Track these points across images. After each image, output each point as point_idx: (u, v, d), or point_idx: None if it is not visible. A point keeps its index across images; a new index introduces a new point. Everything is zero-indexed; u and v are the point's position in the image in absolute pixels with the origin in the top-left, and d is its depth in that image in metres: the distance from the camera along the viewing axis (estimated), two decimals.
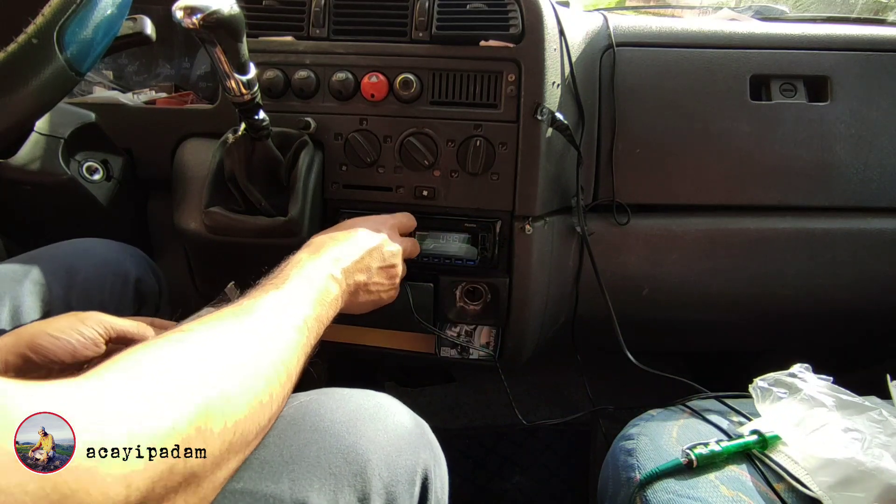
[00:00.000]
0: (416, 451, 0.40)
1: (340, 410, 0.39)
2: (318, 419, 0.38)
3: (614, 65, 0.70)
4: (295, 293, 0.41)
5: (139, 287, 0.61)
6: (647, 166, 0.70)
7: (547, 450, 1.11)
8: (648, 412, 0.57)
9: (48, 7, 0.42)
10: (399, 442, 0.39)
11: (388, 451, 0.38)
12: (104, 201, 0.68)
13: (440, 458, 0.45)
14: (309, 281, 0.44)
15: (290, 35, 0.66)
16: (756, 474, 0.46)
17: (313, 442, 0.36)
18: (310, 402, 0.40)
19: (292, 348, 0.37)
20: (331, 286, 0.46)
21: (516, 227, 0.66)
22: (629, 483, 0.47)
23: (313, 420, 0.38)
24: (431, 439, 0.44)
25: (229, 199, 0.63)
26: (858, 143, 0.70)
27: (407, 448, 0.40)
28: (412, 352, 0.78)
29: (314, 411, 0.39)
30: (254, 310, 0.37)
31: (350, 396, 0.42)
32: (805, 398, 0.49)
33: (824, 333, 0.86)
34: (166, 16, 0.45)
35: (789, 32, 0.72)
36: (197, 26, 0.41)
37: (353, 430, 0.38)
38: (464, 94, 0.64)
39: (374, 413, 0.40)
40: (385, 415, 0.41)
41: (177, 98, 0.78)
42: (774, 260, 0.72)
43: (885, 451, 0.43)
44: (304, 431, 0.37)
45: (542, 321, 0.72)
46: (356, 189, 0.67)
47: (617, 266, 0.72)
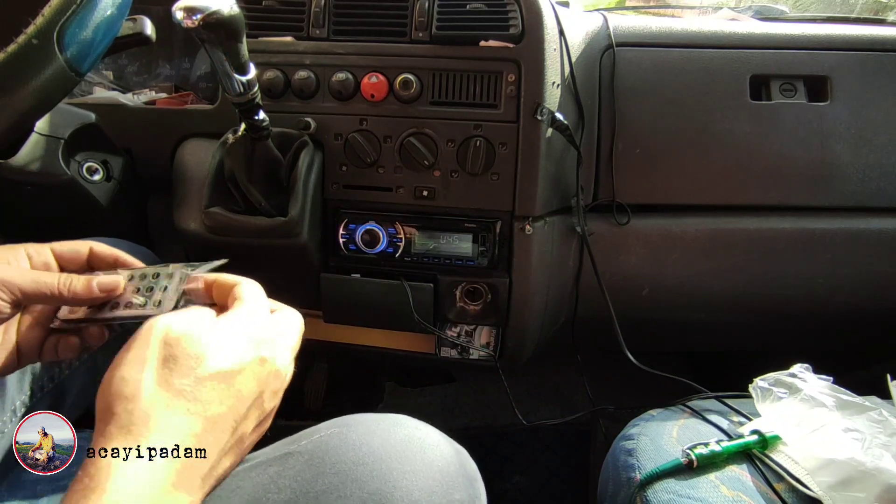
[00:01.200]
0: (449, 492, 0.36)
1: (364, 448, 0.36)
2: (338, 458, 0.35)
3: (614, 65, 0.70)
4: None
5: None
6: (647, 166, 0.70)
7: (547, 450, 1.11)
8: (648, 412, 0.57)
9: (48, 7, 0.42)
10: (429, 483, 0.35)
11: (417, 496, 0.34)
12: (104, 202, 0.68)
13: (479, 492, 0.40)
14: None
15: (289, 35, 0.66)
16: (756, 474, 0.46)
17: (332, 488, 0.33)
18: (330, 436, 0.37)
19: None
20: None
21: (516, 227, 0.66)
22: (629, 483, 0.47)
23: (333, 460, 0.35)
24: (469, 472, 0.40)
25: (229, 200, 0.63)
26: (858, 142, 0.70)
27: (439, 489, 0.36)
28: (412, 352, 0.78)
29: (334, 448, 0.36)
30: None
31: (376, 428, 0.38)
32: (805, 398, 0.49)
33: (824, 333, 0.86)
34: (166, 16, 0.45)
35: (789, 32, 0.72)
36: (197, 26, 0.41)
37: (378, 474, 0.34)
38: (464, 94, 0.64)
39: (402, 450, 0.36)
40: (414, 452, 0.37)
41: (177, 98, 0.78)
42: (774, 260, 0.72)
43: (885, 451, 0.43)
44: (323, 475, 0.34)
45: (542, 321, 0.72)
46: (356, 189, 0.67)
47: (617, 266, 0.72)
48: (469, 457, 0.41)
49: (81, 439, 0.34)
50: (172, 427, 0.29)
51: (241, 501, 0.32)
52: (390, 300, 0.69)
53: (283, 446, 0.37)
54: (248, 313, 0.34)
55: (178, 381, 0.30)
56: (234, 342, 0.32)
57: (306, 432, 0.38)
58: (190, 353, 0.30)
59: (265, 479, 0.34)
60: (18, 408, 0.48)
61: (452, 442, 0.41)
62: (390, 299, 0.69)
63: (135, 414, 0.28)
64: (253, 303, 0.35)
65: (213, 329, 0.32)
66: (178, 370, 0.30)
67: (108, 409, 0.29)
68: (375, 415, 0.40)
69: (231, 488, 0.33)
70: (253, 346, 0.32)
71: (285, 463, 0.35)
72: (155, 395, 0.29)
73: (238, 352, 0.32)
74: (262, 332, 0.33)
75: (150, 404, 0.29)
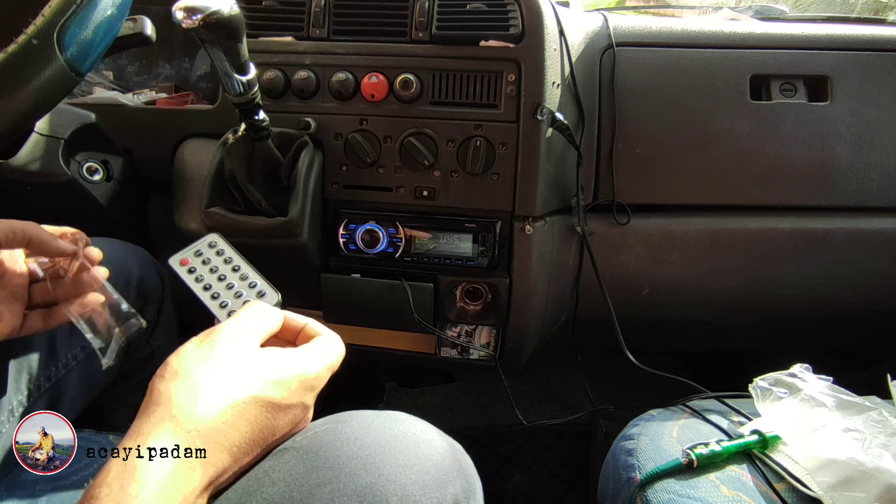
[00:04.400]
0: (443, 485, 0.36)
1: (358, 442, 0.36)
2: (332, 453, 0.35)
3: (614, 65, 0.70)
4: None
5: (142, 285, 0.61)
6: (647, 166, 0.70)
7: (547, 450, 1.11)
8: (649, 412, 0.57)
9: (48, 7, 0.42)
10: (424, 477, 0.35)
11: (410, 489, 0.34)
12: (104, 202, 0.68)
13: (474, 486, 0.40)
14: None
15: (290, 35, 0.66)
16: (756, 474, 0.46)
17: (327, 482, 0.33)
18: (325, 432, 0.37)
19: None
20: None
21: (516, 227, 0.66)
22: (629, 483, 0.47)
23: (327, 454, 0.35)
24: (464, 466, 0.40)
25: (229, 200, 0.63)
26: (858, 142, 0.70)
27: (433, 483, 0.35)
28: (412, 352, 0.78)
29: (329, 444, 0.35)
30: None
31: (371, 424, 0.38)
32: (805, 398, 0.49)
33: (824, 333, 0.86)
34: (166, 16, 0.45)
35: (789, 32, 0.72)
36: (197, 26, 0.41)
37: (371, 468, 0.34)
38: (464, 94, 0.64)
39: (396, 445, 0.36)
40: (408, 446, 0.37)
41: (177, 98, 0.78)
42: (774, 260, 0.72)
43: (885, 451, 0.43)
44: (317, 469, 0.34)
45: (542, 321, 0.72)
46: (356, 189, 0.67)
47: (617, 266, 0.72)
48: (464, 451, 0.41)
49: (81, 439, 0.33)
50: (216, 433, 0.30)
51: (235, 495, 0.32)
52: (390, 300, 0.69)
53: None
54: (315, 357, 0.37)
55: (239, 393, 0.32)
56: (291, 380, 0.34)
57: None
58: (254, 370, 0.33)
59: (259, 473, 0.34)
60: (16, 408, 0.48)
61: (447, 437, 0.41)
62: (390, 299, 0.69)
63: (195, 406, 0.30)
64: (320, 349, 0.37)
65: (282, 360, 0.35)
66: (242, 382, 0.32)
67: (164, 395, 0.31)
68: (370, 411, 0.40)
69: None
70: (305, 392, 0.35)
71: (280, 458, 0.35)
72: (213, 397, 0.31)
73: (292, 391, 0.34)
74: (317, 381, 0.36)
75: (209, 404, 0.31)
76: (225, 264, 0.46)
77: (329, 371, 0.37)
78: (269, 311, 0.38)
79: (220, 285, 0.45)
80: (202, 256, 0.47)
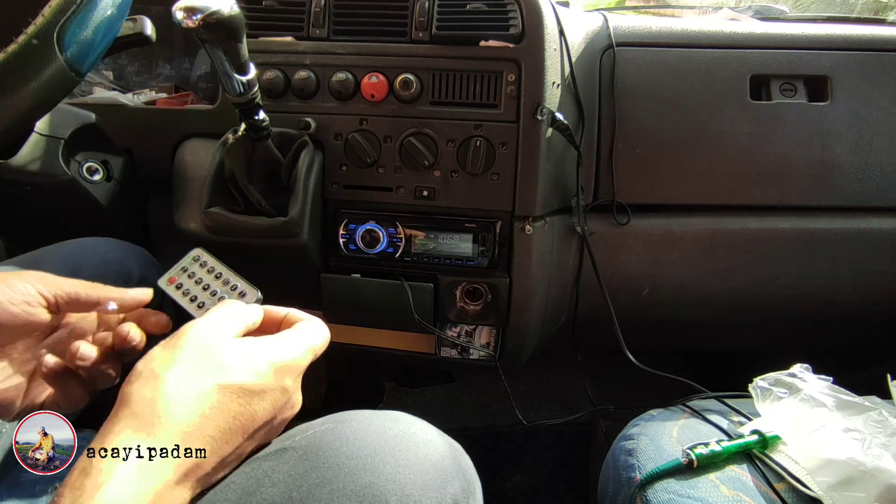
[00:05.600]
0: (442, 485, 0.36)
1: (357, 442, 0.36)
2: (332, 453, 0.35)
3: (614, 65, 0.70)
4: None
5: (142, 286, 0.61)
6: (647, 166, 0.70)
7: (547, 450, 1.11)
8: (648, 412, 0.57)
9: (48, 7, 0.42)
10: (423, 477, 0.35)
11: (410, 489, 0.34)
12: (104, 202, 0.68)
13: (474, 486, 0.40)
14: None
15: (290, 35, 0.66)
16: (756, 474, 0.46)
17: (326, 482, 0.33)
18: (324, 431, 0.37)
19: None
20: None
21: (516, 227, 0.66)
22: (629, 483, 0.47)
23: (327, 455, 0.35)
24: (464, 466, 0.40)
25: (229, 200, 0.63)
26: (858, 142, 0.70)
27: (432, 483, 0.36)
28: (412, 352, 0.78)
29: (328, 444, 0.36)
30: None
31: (370, 424, 0.38)
32: (805, 398, 0.49)
33: (824, 333, 0.86)
34: (166, 16, 0.45)
35: (789, 32, 0.72)
36: (197, 27, 0.41)
37: (371, 468, 0.34)
38: (464, 94, 0.64)
39: (395, 445, 0.36)
40: (408, 446, 0.37)
41: (177, 98, 0.78)
42: (774, 260, 0.72)
43: (885, 451, 0.43)
44: (316, 469, 0.34)
45: (542, 321, 0.72)
46: (356, 189, 0.67)
47: (617, 266, 0.72)
48: (464, 451, 0.42)
49: (81, 439, 0.33)
50: (182, 426, 0.30)
51: (234, 495, 0.33)
52: (390, 300, 0.69)
53: (277, 442, 0.37)
54: (290, 341, 0.37)
55: (203, 385, 0.32)
56: (260, 363, 0.34)
57: (300, 428, 0.39)
58: (219, 360, 0.33)
59: (259, 473, 0.34)
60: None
61: (447, 437, 0.41)
62: (390, 299, 0.69)
63: (156, 403, 0.30)
64: (297, 333, 0.37)
65: (252, 346, 0.35)
66: (205, 374, 0.32)
67: (128, 397, 0.31)
68: (369, 411, 0.40)
69: (224, 482, 0.34)
70: (281, 375, 0.35)
71: (279, 458, 0.35)
72: (176, 392, 0.31)
73: (262, 374, 0.34)
74: (294, 364, 0.36)
75: (169, 400, 0.31)
76: (209, 274, 0.47)
77: (310, 354, 0.37)
78: (244, 307, 0.39)
79: (205, 294, 0.46)
80: (188, 271, 0.48)
